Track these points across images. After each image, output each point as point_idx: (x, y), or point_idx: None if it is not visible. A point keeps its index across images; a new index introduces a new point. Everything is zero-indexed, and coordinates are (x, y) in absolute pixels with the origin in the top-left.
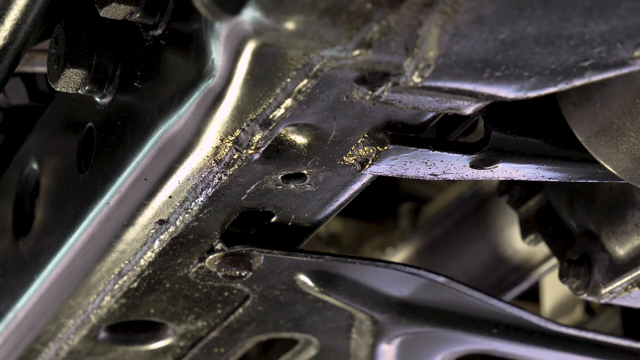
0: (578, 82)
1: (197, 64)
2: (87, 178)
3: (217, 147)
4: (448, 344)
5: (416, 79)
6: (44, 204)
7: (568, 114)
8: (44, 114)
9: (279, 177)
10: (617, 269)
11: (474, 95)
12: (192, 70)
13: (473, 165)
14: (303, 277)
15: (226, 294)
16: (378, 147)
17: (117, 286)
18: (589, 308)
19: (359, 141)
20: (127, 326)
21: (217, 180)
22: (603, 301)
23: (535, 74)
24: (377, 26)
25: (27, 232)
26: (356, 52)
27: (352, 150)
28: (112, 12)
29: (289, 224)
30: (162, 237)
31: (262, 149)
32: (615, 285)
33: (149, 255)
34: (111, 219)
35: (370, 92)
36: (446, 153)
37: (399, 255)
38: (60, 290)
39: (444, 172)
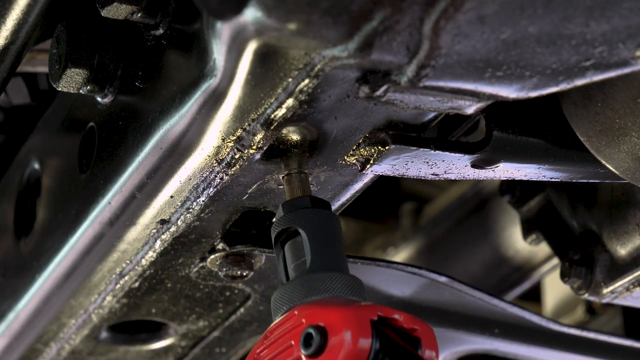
0: (579, 82)
1: (199, 63)
2: (89, 178)
3: (219, 147)
4: (450, 343)
5: (417, 78)
6: (45, 203)
7: (569, 113)
8: (45, 113)
9: (281, 177)
10: (619, 268)
11: (475, 95)
12: (193, 70)
13: (474, 165)
14: None
15: (227, 293)
16: (379, 147)
17: (118, 286)
18: (591, 308)
19: (360, 141)
20: (129, 326)
21: (218, 180)
22: (604, 301)
23: (537, 74)
24: (379, 26)
25: (28, 232)
26: (357, 52)
27: (353, 150)
28: (114, 11)
29: None
30: (163, 236)
31: (264, 148)
32: (616, 285)
33: (151, 255)
34: (112, 218)
35: (371, 92)
36: (448, 153)
37: (401, 255)
38: (62, 290)
39: (445, 172)
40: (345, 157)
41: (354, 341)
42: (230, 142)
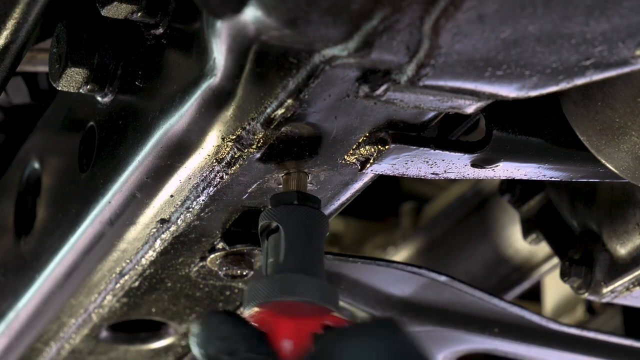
0: (579, 81)
1: (199, 63)
2: (89, 177)
3: (219, 146)
4: (449, 343)
5: (417, 78)
6: (45, 203)
7: (569, 112)
8: (45, 113)
9: (280, 176)
10: (619, 268)
11: (475, 95)
12: (193, 69)
13: (474, 165)
14: None
15: (227, 293)
16: (379, 146)
17: (118, 285)
18: (591, 307)
19: (360, 140)
20: (129, 325)
21: (218, 180)
22: (604, 300)
23: (537, 73)
24: (379, 25)
25: (28, 232)
26: (358, 51)
27: (353, 149)
28: (114, 11)
29: None
30: (163, 236)
31: (264, 148)
32: (616, 284)
33: (151, 255)
34: (113, 217)
35: (371, 91)
36: (447, 152)
37: (401, 254)
38: (62, 290)
39: (445, 171)
40: (345, 157)
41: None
42: (230, 141)
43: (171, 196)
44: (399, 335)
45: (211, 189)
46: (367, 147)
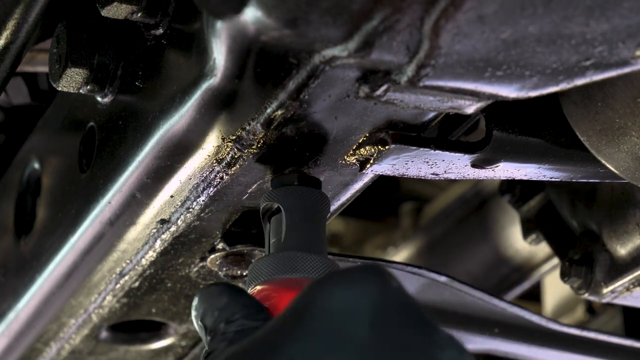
0: (579, 82)
1: (199, 63)
2: (89, 177)
3: (219, 147)
4: None
5: (417, 78)
6: (45, 203)
7: (569, 113)
8: (45, 113)
9: None
10: (619, 268)
11: (475, 95)
12: (193, 69)
13: (474, 165)
14: None
15: None
16: (379, 147)
17: (118, 285)
18: (591, 307)
19: (360, 140)
20: (129, 325)
21: (218, 180)
22: (604, 301)
23: (537, 73)
24: (379, 25)
25: (28, 232)
26: (358, 52)
27: (353, 149)
28: (114, 11)
29: None
30: (163, 236)
31: (264, 148)
32: (616, 284)
33: (151, 255)
34: (113, 218)
35: (371, 92)
36: (448, 152)
37: (401, 254)
38: (62, 290)
39: (445, 172)
40: (345, 157)
41: None
42: (230, 141)
43: (171, 196)
44: (388, 282)
45: (211, 189)
46: (367, 148)
